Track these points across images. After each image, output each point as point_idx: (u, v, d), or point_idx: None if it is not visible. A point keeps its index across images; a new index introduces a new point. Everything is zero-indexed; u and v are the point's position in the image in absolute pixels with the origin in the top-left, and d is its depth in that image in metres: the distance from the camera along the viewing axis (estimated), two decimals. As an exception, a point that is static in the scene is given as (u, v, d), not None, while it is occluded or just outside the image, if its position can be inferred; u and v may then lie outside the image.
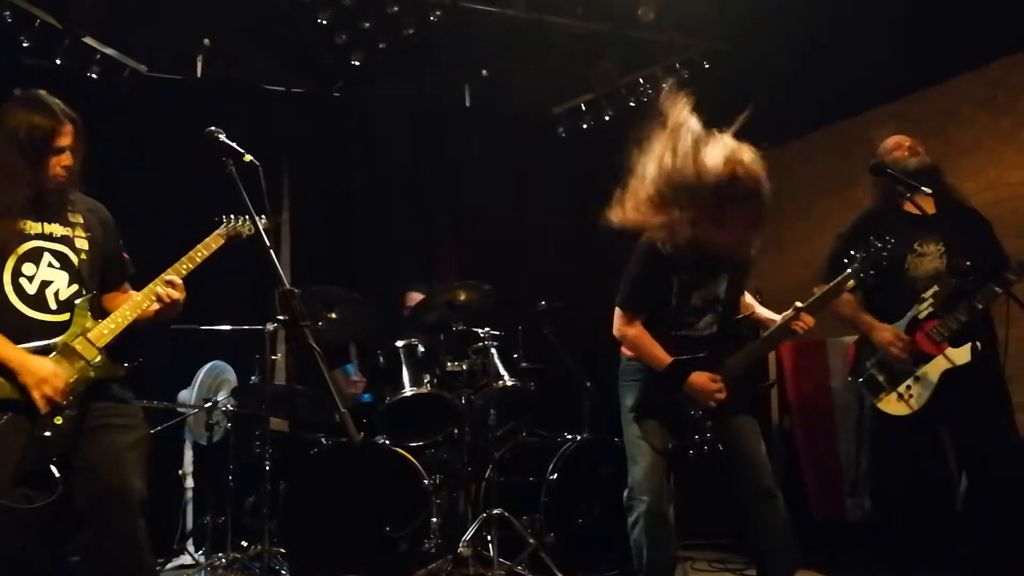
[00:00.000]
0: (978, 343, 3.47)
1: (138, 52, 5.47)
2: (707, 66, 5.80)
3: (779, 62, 5.54)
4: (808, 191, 5.57)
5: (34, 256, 2.81)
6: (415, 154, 6.55)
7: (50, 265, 2.83)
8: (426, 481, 4.30)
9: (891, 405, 3.65)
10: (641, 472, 3.38)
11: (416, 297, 5.35)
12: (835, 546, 4.64)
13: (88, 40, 5.14)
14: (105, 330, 2.84)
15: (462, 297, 4.79)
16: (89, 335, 2.81)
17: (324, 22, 5.14)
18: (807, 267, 4.30)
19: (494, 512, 4.34)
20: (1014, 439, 3.63)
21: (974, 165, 4.80)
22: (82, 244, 2.90)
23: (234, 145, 2.75)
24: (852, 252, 3.41)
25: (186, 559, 4.78)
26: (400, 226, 6.46)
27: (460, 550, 4.22)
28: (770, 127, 5.65)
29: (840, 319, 3.80)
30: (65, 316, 2.82)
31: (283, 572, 4.24)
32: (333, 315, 4.66)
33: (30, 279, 2.79)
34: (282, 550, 4.25)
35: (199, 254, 3.04)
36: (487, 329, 4.81)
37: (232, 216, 3.19)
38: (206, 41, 5.65)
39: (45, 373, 2.68)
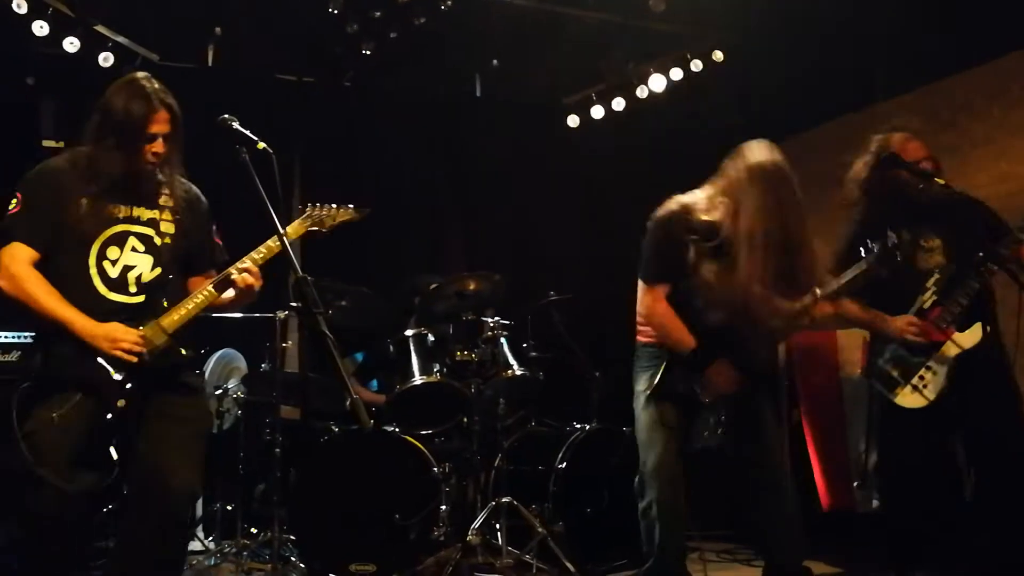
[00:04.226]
0: (985, 324, 3.47)
1: (150, 40, 5.47)
2: (718, 56, 5.78)
3: (790, 53, 5.52)
4: (819, 183, 5.53)
5: (119, 240, 2.82)
6: (425, 144, 6.55)
7: (134, 249, 2.84)
8: (435, 469, 4.31)
9: (907, 398, 3.60)
10: (656, 458, 3.37)
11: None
12: (844, 537, 4.64)
13: (100, 28, 5.15)
14: (175, 316, 2.81)
15: (472, 287, 4.80)
16: (161, 321, 2.79)
17: (335, 12, 5.14)
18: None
19: (503, 501, 4.35)
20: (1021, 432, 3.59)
21: (986, 158, 4.77)
22: (167, 228, 2.90)
23: (248, 133, 2.76)
24: (868, 242, 3.40)
25: (196, 545, 4.80)
26: (410, 216, 6.46)
27: (469, 538, 4.25)
28: (781, 118, 5.70)
29: (849, 321, 3.79)
30: (142, 298, 2.82)
31: (293, 559, 4.27)
32: (343, 303, 4.68)
33: (113, 263, 2.81)
34: (292, 537, 4.28)
35: (275, 242, 2.84)
36: (497, 319, 4.82)
37: (316, 204, 3.11)
38: (218, 30, 5.65)
39: (116, 333, 2.69)
